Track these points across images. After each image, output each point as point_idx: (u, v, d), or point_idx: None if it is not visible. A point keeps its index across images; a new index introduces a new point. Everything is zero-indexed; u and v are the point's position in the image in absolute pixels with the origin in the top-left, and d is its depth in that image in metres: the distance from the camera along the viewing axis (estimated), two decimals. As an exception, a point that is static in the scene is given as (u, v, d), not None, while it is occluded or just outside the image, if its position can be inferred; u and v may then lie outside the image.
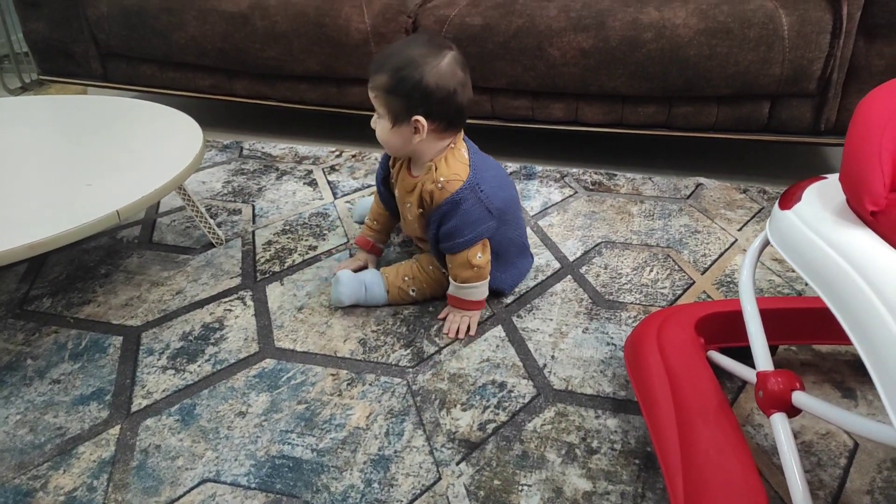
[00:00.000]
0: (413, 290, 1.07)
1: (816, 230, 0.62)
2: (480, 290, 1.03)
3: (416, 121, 0.94)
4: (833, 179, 0.69)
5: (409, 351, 0.98)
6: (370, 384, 0.91)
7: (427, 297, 1.09)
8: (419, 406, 0.88)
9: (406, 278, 1.07)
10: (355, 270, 1.16)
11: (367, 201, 1.36)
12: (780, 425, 0.65)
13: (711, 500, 0.64)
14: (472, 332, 1.02)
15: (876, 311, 0.51)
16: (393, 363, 0.95)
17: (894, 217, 0.58)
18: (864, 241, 0.57)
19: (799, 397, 0.65)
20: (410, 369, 0.94)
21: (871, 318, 0.52)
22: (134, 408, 0.88)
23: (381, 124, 0.97)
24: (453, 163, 0.98)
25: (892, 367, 0.49)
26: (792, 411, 0.66)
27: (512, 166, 1.61)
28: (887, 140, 0.60)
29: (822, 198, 0.66)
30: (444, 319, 1.05)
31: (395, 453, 0.80)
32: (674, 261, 1.21)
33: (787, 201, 0.69)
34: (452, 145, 1.00)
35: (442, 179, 0.97)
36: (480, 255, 1.00)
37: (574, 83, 1.53)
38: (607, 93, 1.53)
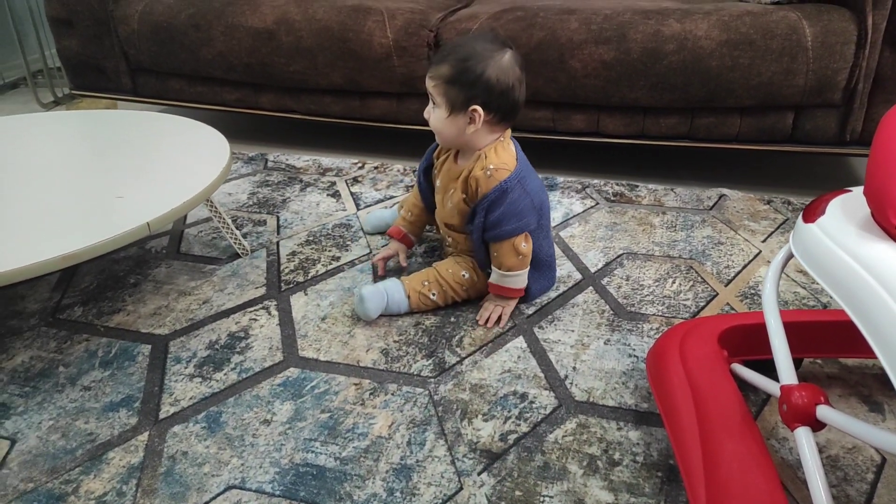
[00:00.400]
0: (433, 294, 1.08)
1: (840, 243, 0.62)
2: (521, 279, 1.07)
3: (474, 110, 0.98)
4: (857, 192, 0.68)
5: (430, 361, 0.99)
6: (392, 394, 0.92)
7: (448, 300, 1.10)
8: (441, 416, 0.88)
9: (425, 283, 1.09)
10: (385, 259, 1.21)
11: (379, 213, 1.38)
12: (804, 439, 0.65)
13: (735, 514, 0.63)
14: (502, 324, 1.06)
15: (901, 324, 0.51)
16: (415, 373, 0.96)
17: (920, 230, 0.57)
18: (889, 254, 0.57)
19: (823, 411, 0.65)
20: (432, 379, 0.95)
21: (897, 332, 0.51)
22: (162, 415, 0.90)
23: (436, 113, 1.02)
24: (502, 153, 1.03)
25: (918, 381, 0.49)
26: (816, 425, 0.66)
27: (533, 178, 1.62)
28: (912, 153, 0.60)
29: (846, 211, 0.66)
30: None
31: (416, 463, 0.81)
32: (696, 272, 1.21)
33: (811, 214, 0.68)
34: (501, 139, 1.04)
35: (491, 167, 1.01)
36: (525, 245, 1.04)
37: (595, 95, 1.53)
38: (629, 104, 1.53)
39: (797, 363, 0.92)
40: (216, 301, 1.14)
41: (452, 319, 1.08)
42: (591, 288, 1.16)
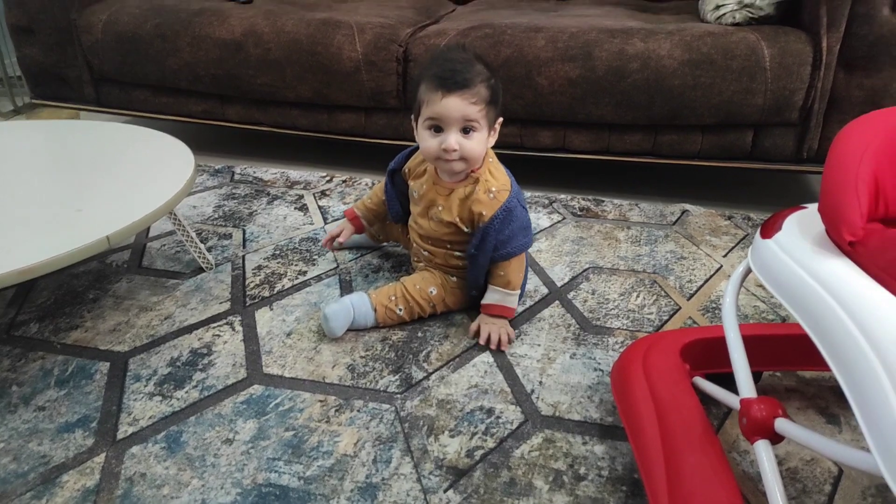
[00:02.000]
0: (399, 309, 1.08)
1: (796, 259, 0.63)
2: (518, 297, 1.09)
3: (500, 123, 1.04)
4: (813, 209, 0.70)
5: (397, 377, 0.98)
6: (358, 410, 0.91)
7: (414, 316, 1.10)
8: (407, 433, 0.88)
9: (392, 297, 1.08)
10: (332, 239, 1.24)
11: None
12: (763, 452, 0.66)
13: (697, 527, 0.64)
14: (511, 341, 1.06)
15: (853, 339, 0.52)
16: (381, 389, 0.96)
17: (871, 247, 0.59)
18: (843, 270, 0.59)
19: (782, 424, 0.66)
20: (399, 395, 0.94)
21: (849, 346, 0.53)
22: (120, 435, 0.87)
23: (478, 137, 1.00)
24: (497, 174, 1.05)
25: (869, 394, 0.50)
26: (775, 438, 0.67)
27: (501, 192, 1.63)
28: (864, 171, 0.62)
29: (802, 227, 0.68)
30: (476, 333, 1.06)
31: (382, 481, 0.80)
32: (660, 286, 1.23)
33: (769, 230, 0.70)
34: (490, 158, 1.07)
35: (493, 189, 1.03)
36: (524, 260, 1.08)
37: (562, 111, 1.55)
38: (594, 121, 1.55)
39: (757, 376, 0.93)
40: (179, 316, 1.12)
41: (419, 335, 1.08)
42: (557, 302, 1.17)
